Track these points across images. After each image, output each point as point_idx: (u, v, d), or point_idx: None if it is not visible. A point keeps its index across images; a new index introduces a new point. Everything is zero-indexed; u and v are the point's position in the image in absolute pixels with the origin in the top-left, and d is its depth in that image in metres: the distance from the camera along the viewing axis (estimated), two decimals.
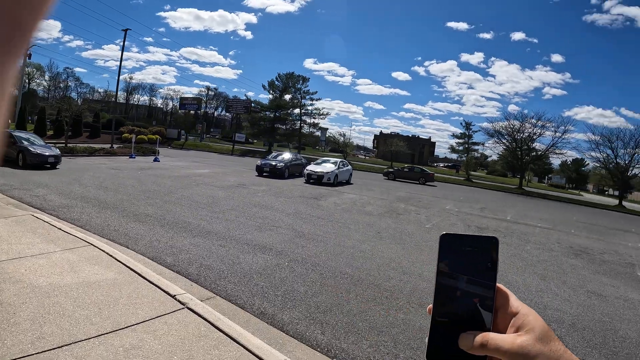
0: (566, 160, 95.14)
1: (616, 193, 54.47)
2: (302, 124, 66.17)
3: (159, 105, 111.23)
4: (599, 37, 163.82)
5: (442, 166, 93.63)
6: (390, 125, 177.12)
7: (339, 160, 30.87)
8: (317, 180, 26.85)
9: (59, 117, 41.74)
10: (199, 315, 5.26)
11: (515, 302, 0.67)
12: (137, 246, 8.71)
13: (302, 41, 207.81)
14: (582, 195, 68.39)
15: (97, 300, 5.44)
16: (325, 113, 66.65)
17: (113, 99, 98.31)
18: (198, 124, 78.50)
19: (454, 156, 71.53)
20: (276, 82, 65.47)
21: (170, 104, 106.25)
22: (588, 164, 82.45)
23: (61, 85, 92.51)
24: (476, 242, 0.67)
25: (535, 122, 52.65)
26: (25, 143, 20.54)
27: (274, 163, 28.50)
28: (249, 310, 5.95)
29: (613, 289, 9.88)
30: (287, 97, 65.19)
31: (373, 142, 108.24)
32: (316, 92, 68.55)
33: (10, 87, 0.28)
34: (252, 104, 64.61)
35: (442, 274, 0.67)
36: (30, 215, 10.02)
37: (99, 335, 4.51)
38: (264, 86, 70.27)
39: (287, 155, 31.20)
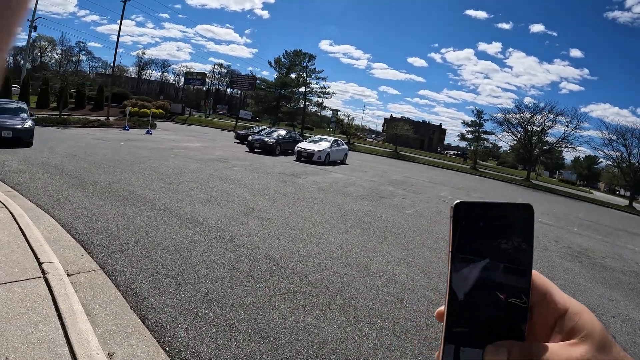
0: (579, 156, 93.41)
1: (627, 193, 52.84)
2: (306, 103, 64.64)
3: (170, 81, 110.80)
4: (619, 35, 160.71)
5: (451, 154, 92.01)
6: (404, 110, 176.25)
7: (333, 139, 29.63)
8: (307, 158, 25.78)
9: (59, 88, 41.11)
10: (48, 287, 4.51)
11: (560, 297, 0.51)
12: (58, 212, 7.99)
13: (319, 22, 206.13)
14: (592, 193, 66.79)
15: None
16: (330, 92, 65.30)
17: (125, 74, 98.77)
18: (205, 100, 77.78)
19: (464, 144, 70.15)
20: (283, 59, 63.94)
21: (182, 80, 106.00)
22: (601, 161, 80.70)
23: (73, 59, 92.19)
24: (503, 211, 0.49)
25: (546, 113, 51.31)
26: None
27: (265, 139, 27.59)
28: (122, 290, 5.10)
29: (611, 303, 8.15)
30: (293, 75, 63.75)
31: (383, 126, 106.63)
32: (322, 70, 66.92)
33: None
34: (257, 81, 63.36)
35: (457, 260, 0.48)
36: None
37: None
38: (270, 63, 69.34)
39: (282, 132, 30.27)
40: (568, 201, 37.14)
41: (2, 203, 7.74)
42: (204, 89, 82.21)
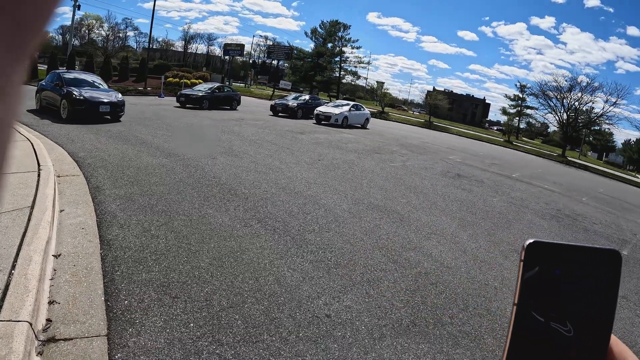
0: (630, 139, 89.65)
1: None
2: (341, 72, 66.70)
3: (216, 54, 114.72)
4: None
5: (495, 129, 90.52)
6: (453, 85, 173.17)
7: (352, 103, 30.75)
8: (325, 120, 27.00)
9: (103, 62, 44.63)
10: (38, 176, 6.67)
11: None
12: (70, 146, 10.26)
13: None
14: (638, 177, 63.78)
15: None
16: (366, 62, 66.97)
17: (172, 48, 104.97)
18: (248, 71, 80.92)
19: (504, 119, 68.87)
20: (319, 30, 66.46)
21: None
22: None
23: (120, 35, 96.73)
24: (584, 257, 0.41)
25: (584, 86, 49.54)
26: (74, 88, 14.98)
27: (288, 103, 29.32)
28: (90, 184, 7.29)
29: None
30: (330, 45, 65.83)
31: (425, 98, 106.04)
32: (357, 39, 68.87)
33: (19, 88, 0.26)
34: (294, 51, 65.81)
35: (523, 314, 0.41)
36: None
37: None
38: (306, 33, 71.34)
39: (306, 97, 32.05)
40: (599, 178, 33.65)
41: (28, 139, 10.00)
42: (250, 61, 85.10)
